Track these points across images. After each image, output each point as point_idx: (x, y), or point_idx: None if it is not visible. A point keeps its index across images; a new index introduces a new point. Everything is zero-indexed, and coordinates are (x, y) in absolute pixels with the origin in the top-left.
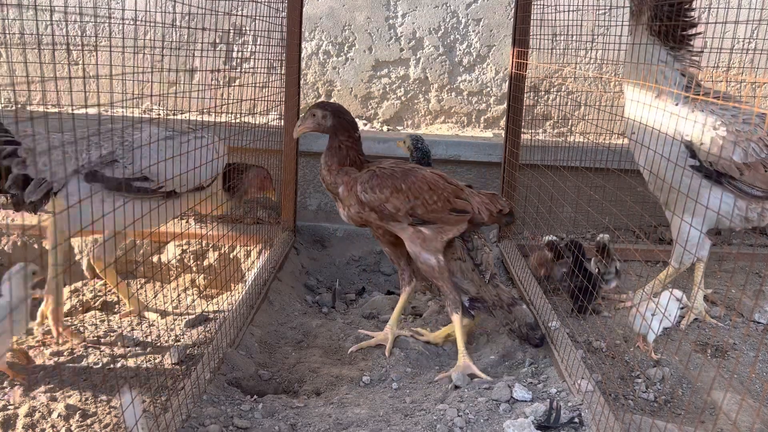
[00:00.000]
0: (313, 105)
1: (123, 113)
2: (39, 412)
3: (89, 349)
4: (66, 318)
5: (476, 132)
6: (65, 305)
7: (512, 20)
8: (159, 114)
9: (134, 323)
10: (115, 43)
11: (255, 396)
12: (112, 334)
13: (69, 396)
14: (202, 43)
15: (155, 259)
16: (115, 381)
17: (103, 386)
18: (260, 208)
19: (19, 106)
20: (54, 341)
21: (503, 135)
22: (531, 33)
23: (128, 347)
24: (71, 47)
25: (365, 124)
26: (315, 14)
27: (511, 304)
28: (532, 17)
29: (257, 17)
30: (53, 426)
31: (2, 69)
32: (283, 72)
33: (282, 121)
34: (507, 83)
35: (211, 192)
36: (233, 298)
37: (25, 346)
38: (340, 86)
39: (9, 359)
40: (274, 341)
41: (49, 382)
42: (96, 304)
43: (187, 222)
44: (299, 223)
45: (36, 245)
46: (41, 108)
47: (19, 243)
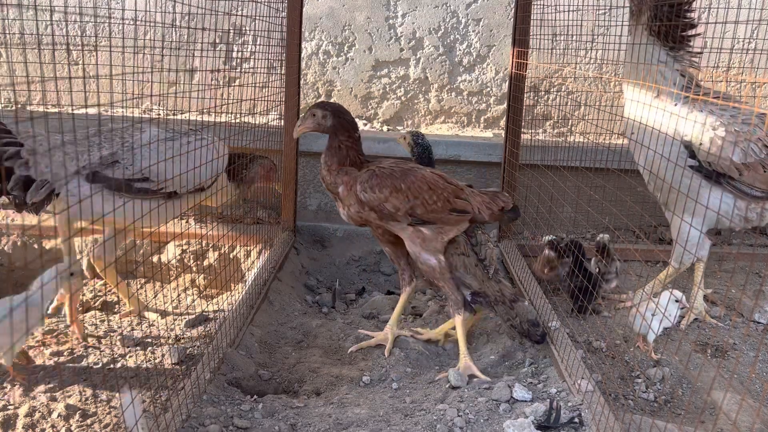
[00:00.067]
0: (313, 105)
1: (123, 113)
2: (39, 412)
3: (89, 349)
4: (63, 317)
5: (476, 132)
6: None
7: (512, 20)
8: (159, 114)
9: (134, 323)
10: (115, 43)
11: (255, 396)
12: (112, 334)
13: (69, 396)
14: (202, 43)
15: (155, 259)
16: (115, 381)
17: (103, 386)
18: (260, 208)
19: (19, 106)
20: (54, 341)
21: (503, 135)
22: (531, 33)
23: (128, 347)
24: (71, 47)
25: (365, 124)
26: (315, 14)
27: (513, 300)
28: (532, 17)
29: (257, 17)
30: (53, 426)
31: (2, 69)
32: (283, 72)
33: (282, 121)
34: (507, 83)
35: (213, 192)
36: (233, 298)
37: (25, 346)
38: (340, 86)
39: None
40: (274, 341)
41: (49, 382)
42: (96, 304)
43: (187, 222)
44: (299, 223)
45: (36, 245)
46: (41, 108)
47: (19, 243)
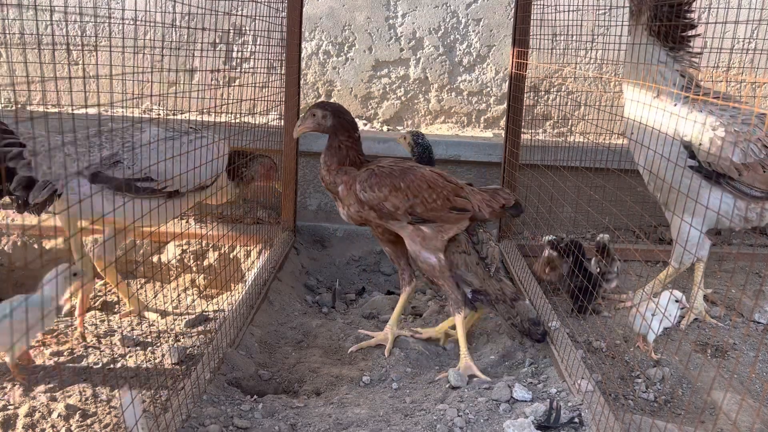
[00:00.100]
0: (313, 105)
1: (123, 113)
2: (39, 412)
3: (89, 349)
4: (66, 318)
5: (476, 132)
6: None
7: (512, 20)
8: (159, 114)
9: (134, 323)
10: (115, 43)
11: (255, 396)
12: (112, 334)
13: (69, 396)
14: (202, 43)
15: (155, 259)
16: (115, 381)
17: (103, 386)
18: (260, 208)
19: (19, 106)
20: (54, 341)
21: (503, 135)
22: (531, 33)
23: (128, 347)
24: (71, 47)
25: (365, 124)
26: (315, 14)
27: (514, 299)
28: (532, 17)
29: (257, 17)
30: (53, 426)
31: (2, 69)
32: (283, 72)
33: (282, 121)
34: (507, 83)
35: (214, 191)
36: (233, 298)
37: (25, 346)
38: (340, 86)
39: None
40: (274, 341)
41: (49, 382)
42: (96, 304)
43: (187, 222)
44: (299, 223)
45: (36, 245)
46: (41, 108)
47: (19, 243)
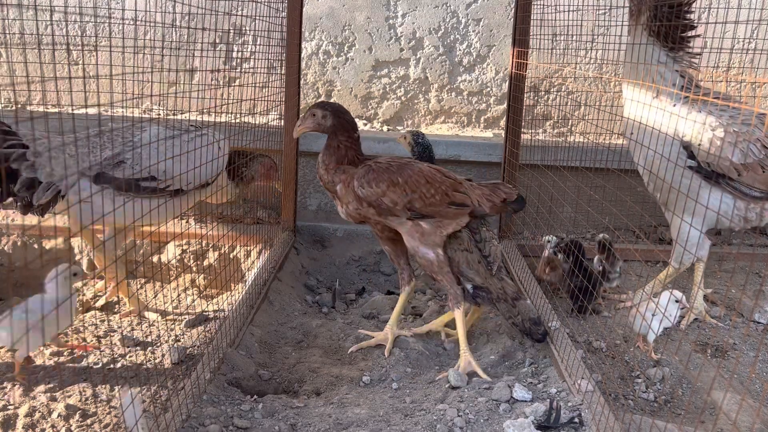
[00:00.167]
0: (313, 105)
1: (123, 113)
2: (39, 412)
3: (89, 349)
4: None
5: (476, 132)
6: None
7: (512, 20)
8: (159, 114)
9: (134, 323)
10: (115, 43)
11: (255, 396)
12: (112, 334)
13: (69, 396)
14: (202, 43)
15: (155, 259)
16: (115, 381)
17: (103, 386)
18: (260, 208)
19: (19, 106)
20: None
21: (503, 135)
22: (531, 33)
23: (128, 347)
24: (71, 47)
25: (365, 124)
26: (315, 14)
27: (516, 298)
28: (532, 17)
29: (257, 17)
30: (53, 426)
31: (2, 69)
32: (283, 72)
33: (282, 121)
34: (507, 83)
35: (216, 189)
36: (233, 298)
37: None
38: (340, 86)
39: (9, 358)
40: (274, 341)
41: (49, 382)
42: (96, 304)
43: (187, 222)
44: (299, 223)
45: (36, 245)
46: (41, 108)
47: (19, 243)
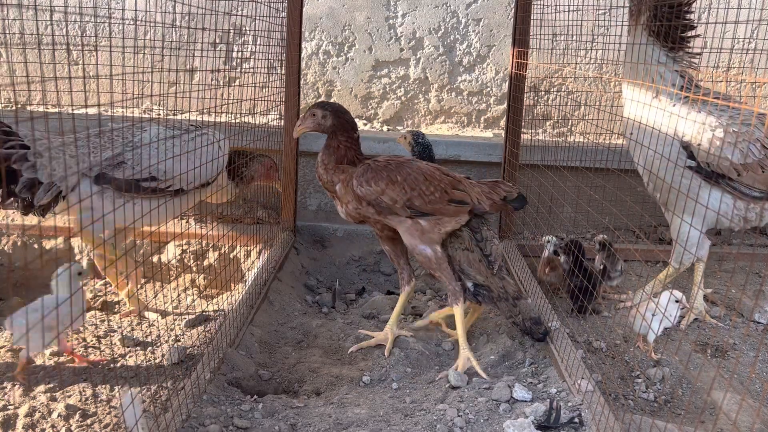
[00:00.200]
0: (313, 105)
1: (123, 113)
2: (39, 412)
3: (89, 349)
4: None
5: (476, 132)
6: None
7: (512, 20)
8: (159, 114)
9: (134, 323)
10: (115, 43)
11: (255, 396)
12: (112, 334)
13: (69, 396)
14: (202, 43)
15: (155, 259)
16: (115, 381)
17: (103, 386)
18: (260, 208)
19: (19, 106)
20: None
21: (503, 135)
22: (531, 33)
23: (128, 347)
24: (71, 47)
25: (365, 124)
26: (315, 14)
27: (517, 298)
28: (532, 17)
29: (257, 17)
30: (53, 426)
31: (2, 69)
32: (283, 72)
33: (282, 121)
34: (507, 83)
35: (216, 188)
36: (233, 298)
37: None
38: (340, 86)
39: (9, 358)
40: (274, 341)
41: (49, 382)
42: (96, 304)
43: (187, 222)
44: (299, 223)
45: (36, 245)
46: (41, 108)
47: (19, 243)
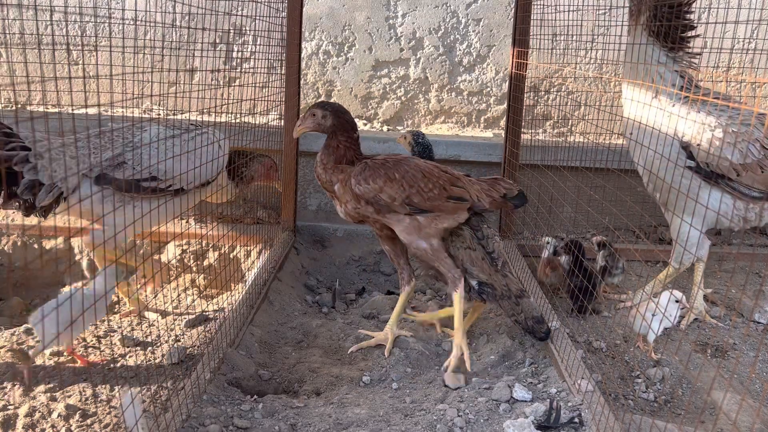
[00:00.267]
0: (313, 105)
1: (123, 113)
2: (39, 412)
3: (89, 349)
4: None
5: (476, 132)
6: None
7: (512, 20)
8: (159, 114)
9: (134, 323)
10: (115, 43)
11: (255, 396)
12: (112, 334)
13: (69, 396)
14: (202, 43)
15: (155, 259)
16: (115, 381)
17: (103, 386)
18: (260, 208)
19: (19, 106)
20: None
21: (503, 135)
22: (531, 33)
23: (128, 347)
24: (71, 47)
25: (365, 124)
26: (315, 14)
27: (519, 296)
28: (532, 17)
29: (257, 17)
30: (53, 426)
31: (2, 69)
32: (283, 72)
33: (282, 121)
34: (507, 83)
35: (216, 188)
36: (233, 298)
37: (25, 346)
38: (340, 86)
39: (9, 358)
40: (274, 341)
41: (49, 382)
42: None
43: (187, 222)
44: (299, 223)
45: (36, 245)
46: (41, 108)
47: (19, 243)
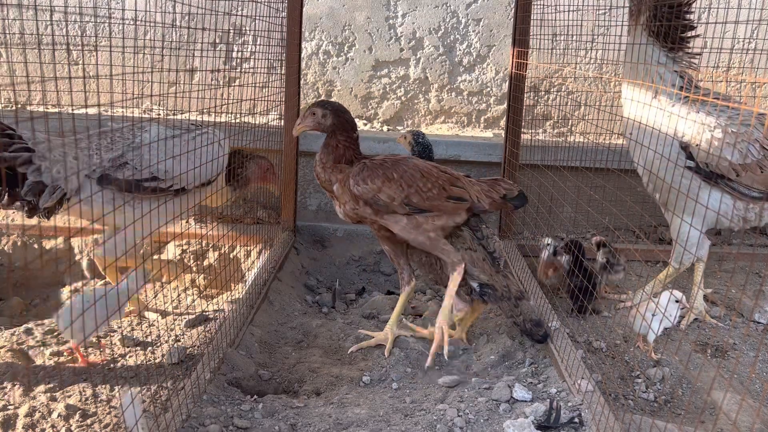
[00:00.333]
0: (313, 103)
1: (123, 113)
2: (39, 412)
3: (89, 349)
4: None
5: (476, 132)
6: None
7: (512, 20)
8: (159, 114)
9: (134, 323)
10: (115, 43)
11: (255, 396)
12: (112, 334)
13: (69, 396)
14: (202, 43)
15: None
16: (115, 381)
17: (103, 386)
18: (260, 208)
19: (19, 106)
20: (54, 341)
21: (503, 135)
22: (531, 33)
23: (128, 347)
24: (71, 47)
25: (365, 124)
26: (315, 14)
27: (519, 298)
28: (532, 17)
29: (257, 17)
30: (53, 426)
31: (2, 69)
32: (283, 72)
33: (282, 121)
34: (507, 83)
35: (216, 189)
36: (233, 298)
37: (25, 346)
38: (340, 86)
39: (9, 358)
40: (274, 341)
41: (49, 382)
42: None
43: (187, 222)
44: (299, 223)
45: (36, 245)
46: (41, 108)
47: (19, 243)
